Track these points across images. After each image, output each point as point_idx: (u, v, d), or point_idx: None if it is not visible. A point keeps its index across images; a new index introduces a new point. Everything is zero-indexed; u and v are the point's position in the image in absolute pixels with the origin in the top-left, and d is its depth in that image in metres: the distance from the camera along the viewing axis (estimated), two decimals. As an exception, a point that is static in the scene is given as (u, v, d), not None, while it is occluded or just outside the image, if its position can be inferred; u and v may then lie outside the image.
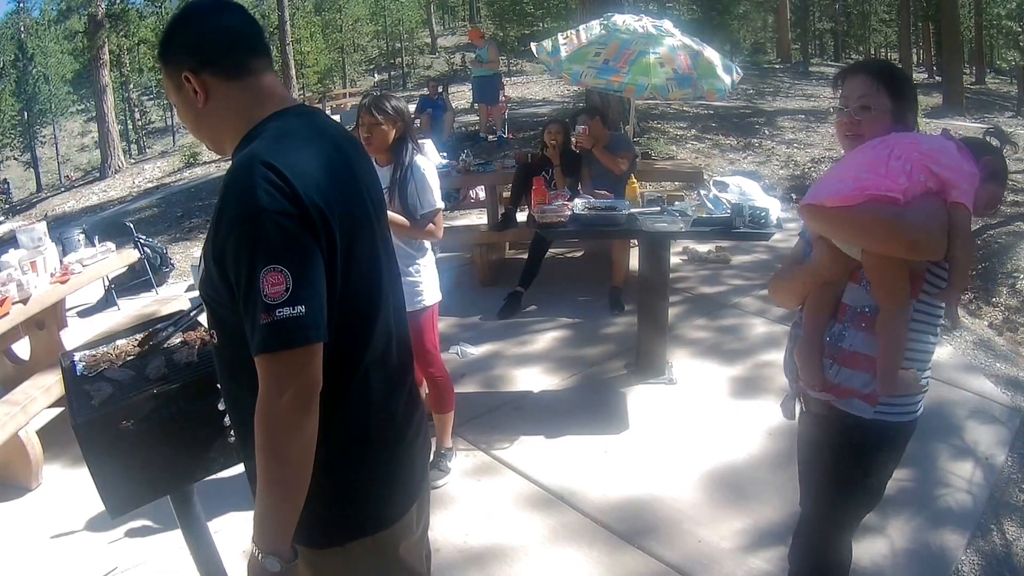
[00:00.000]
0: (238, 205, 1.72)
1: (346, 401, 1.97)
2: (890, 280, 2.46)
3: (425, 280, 4.46)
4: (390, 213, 3.88)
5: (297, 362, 1.73)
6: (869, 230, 2.41)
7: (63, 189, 30.81)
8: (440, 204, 4.36)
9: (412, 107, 18.70)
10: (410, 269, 4.35)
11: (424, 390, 4.65)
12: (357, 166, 2.05)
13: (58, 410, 5.62)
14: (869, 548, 3.87)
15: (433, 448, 4.68)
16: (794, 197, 11.04)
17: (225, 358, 2.02)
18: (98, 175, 27.12)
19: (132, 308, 8.37)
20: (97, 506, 2.91)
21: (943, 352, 6.01)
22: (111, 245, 7.19)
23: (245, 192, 1.71)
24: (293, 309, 1.69)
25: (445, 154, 10.83)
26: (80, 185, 28.35)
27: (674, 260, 7.79)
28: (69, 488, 4.94)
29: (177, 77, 1.93)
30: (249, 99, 1.95)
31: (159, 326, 3.48)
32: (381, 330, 2.04)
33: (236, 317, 1.79)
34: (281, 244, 1.69)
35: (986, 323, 6.94)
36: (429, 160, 4.42)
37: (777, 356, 2.93)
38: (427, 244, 4.52)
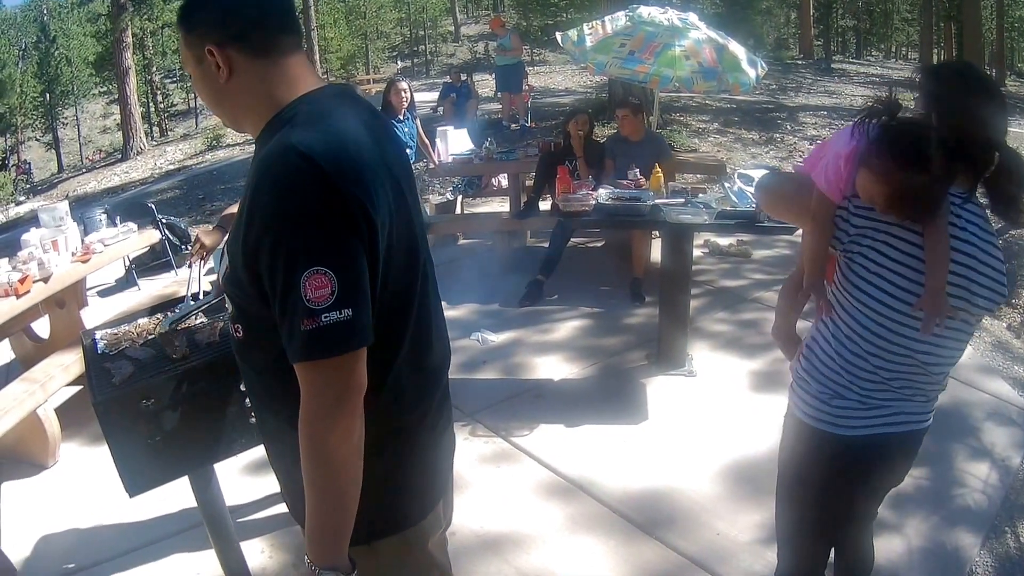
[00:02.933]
0: (273, 202, 1.62)
1: (377, 398, 1.86)
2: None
3: None
4: None
5: (344, 368, 1.66)
6: None
7: (84, 170, 30.90)
8: None
9: (435, 95, 18.75)
10: None
11: None
12: (388, 151, 1.91)
13: (76, 389, 5.65)
14: (885, 546, 3.83)
15: None
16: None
17: (250, 354, 1.95)
18: (120, 156, 27.21)
19: (152, 288, 8.39)
20: (113, 485, 2.91)
21: (961, 352, 5.94)
22: (132, 225, 7.22)
23: (281, 188, 1.62)
24: (340, 313, 1.61)
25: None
26: (102, 166, 28.44)
27: (695, 253, 7.75)
28: (85, 466, 4.95)
29: (199, 49, 1.81)
30: (276, 79, 1.82)
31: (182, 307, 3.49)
32: (418, 324, 1.96)
33: (263, 314, 1.73)
34: (323, 244, 1.60)
35: (1004, 325, 6.88)
36: None
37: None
38: None
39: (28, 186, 33.82)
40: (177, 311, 3.42)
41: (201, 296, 3.55)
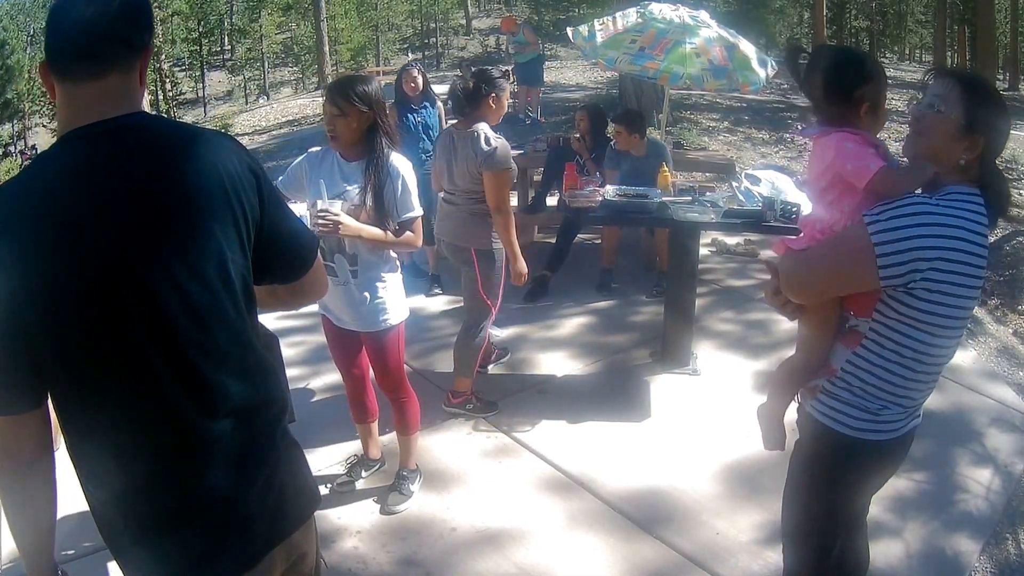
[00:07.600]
0: None
1: (97, 478, 1.94)
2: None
3: (390, 297, 3.99)
4: (364, 227, 3.70)
5: None
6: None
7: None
8: (419, 210, 3.92)
9: (446, 87, 18.71)
10: (376, 285, 3.92)
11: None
12: (156, 203, 1.70)
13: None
14: (884, 549, 3.86)
15: (396, 470, 4.49)
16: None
17: None
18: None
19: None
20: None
21: (966, 357, 5.95)
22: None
23: None
24: None
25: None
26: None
27: (702, 251, 7.74)
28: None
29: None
30: (69, 107, 1.71)
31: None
32: (133, 386, 1.78)
33: None
34: None
35: (1010, 331, 6.86)
36: (405, 160, 3.94)
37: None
38: (394, 255, 4.06)
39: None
40: None
41: None
